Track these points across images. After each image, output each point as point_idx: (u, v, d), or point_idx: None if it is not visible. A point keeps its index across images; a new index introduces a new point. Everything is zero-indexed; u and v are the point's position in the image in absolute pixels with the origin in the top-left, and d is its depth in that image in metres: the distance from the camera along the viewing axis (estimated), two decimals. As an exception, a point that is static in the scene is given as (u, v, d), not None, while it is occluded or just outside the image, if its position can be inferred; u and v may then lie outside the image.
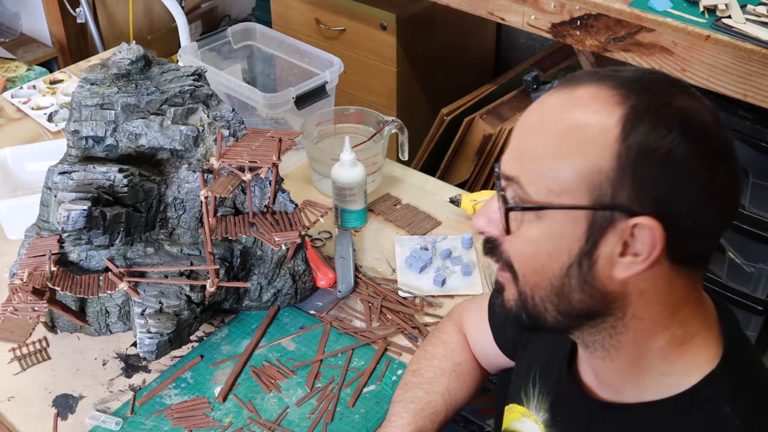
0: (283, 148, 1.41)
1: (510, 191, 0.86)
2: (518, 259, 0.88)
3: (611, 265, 0.83)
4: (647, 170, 0.79)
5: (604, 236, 0.82)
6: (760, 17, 1.84)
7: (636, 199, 0.80)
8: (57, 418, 1.33)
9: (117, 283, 1.34)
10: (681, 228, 0.81)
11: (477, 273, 1.57)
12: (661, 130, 0.79)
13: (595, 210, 0.82)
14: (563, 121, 0.83)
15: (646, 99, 0.81)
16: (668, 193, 0.80)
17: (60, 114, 2.03)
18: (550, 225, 0.84)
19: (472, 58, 3.12)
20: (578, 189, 0.82)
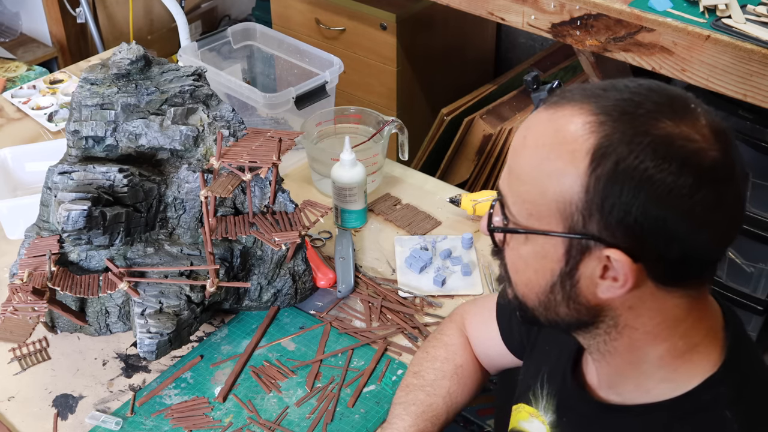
0: (283, 148, 1.41)
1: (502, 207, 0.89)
2: (511, 269, 0.92)
3: (593, 285, 0.85)
4: (616, 202, 0.79)
5: (582, 260, 0.84)
6: (760, 17, 1.84)
7: (606, 231, 0.81)
8: (57, 418, 1.33)
9: (117, 283, 1.34)
10: (663, 254, 0.81)
11: (477, 273, 1.57)
12: (632, 160, 0.78)
13: (569, 237, 0.83)
14: (541, 147, 0.84)
15: (622, 126, 0.80)
16: (642, 224, 0.79)
17: (60, 114, 2.03)
18: (534, 245, 0.87)
19: (472, 58, 3.12)
20: (553, 216, 0.83)
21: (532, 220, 0.85)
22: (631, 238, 0.80)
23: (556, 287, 0.87)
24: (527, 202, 0.85)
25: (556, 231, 0.84)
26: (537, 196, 0.84)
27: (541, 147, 0.84)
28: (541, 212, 0.84)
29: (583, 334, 0.92)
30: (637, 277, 0.82)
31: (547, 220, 0.84)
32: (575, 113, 0.82)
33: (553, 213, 0.83)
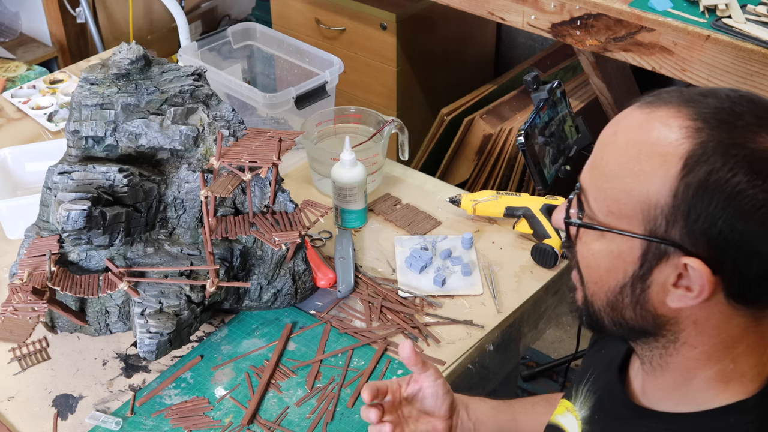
0: (283, 148, 1.41)
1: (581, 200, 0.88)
2: (582, 265, 0.91)
3: (664, 292, 0.84)
4: (703, 211, 0.78)
5: (658, 265, 0.83)
6: (760, 17, 1.84)
7: (688, 239, 0.79)
8: (57, 418, 1.33)
9: (117, 283, 1.34)
10: (741, 270, 0.80)
11: (477, 273, 1.57)
12: (726, 172, 0.77)
13: (649, 240, 0.82)
14: (632, 145, 0.83)
15: (719, 136, 0.78)
16: (726, 237, 0.78)
17: (60, 114, 2.03)
18: (609, 244, 0.86)
19: (472, 58, 3.12)
20: (635, 216, 0.82)
21: (612, 218, 0.84)
22: (712, 249, 0.79)
23: (626, 289, 0.86)
24: (609, 199, 0.84)
25: (636, 232, 0.83)
26: (621, 194, 0.83)
27: (632, 145, 0.82)
28: (623, 211, 0.83)
29: (642, 344, 0.91)
30: (712, 290, 0.81)
31: (628, 220, 0.83)
32: (672, 116, 0.81)
33: (635, 213, 0.82)
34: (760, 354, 0.87)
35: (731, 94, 0.82)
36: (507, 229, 1.67)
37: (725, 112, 0.80)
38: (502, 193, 1.67)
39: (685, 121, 0.80)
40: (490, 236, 1.66)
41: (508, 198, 1.66)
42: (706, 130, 0.79)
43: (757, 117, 0.80)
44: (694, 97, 0.82)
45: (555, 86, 1.67)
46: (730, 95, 0.82)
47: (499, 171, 2.56)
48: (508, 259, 1.61)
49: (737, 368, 0.86)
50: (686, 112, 0.81)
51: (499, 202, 1.65)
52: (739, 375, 0.87)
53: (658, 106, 0.83)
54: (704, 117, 0.80)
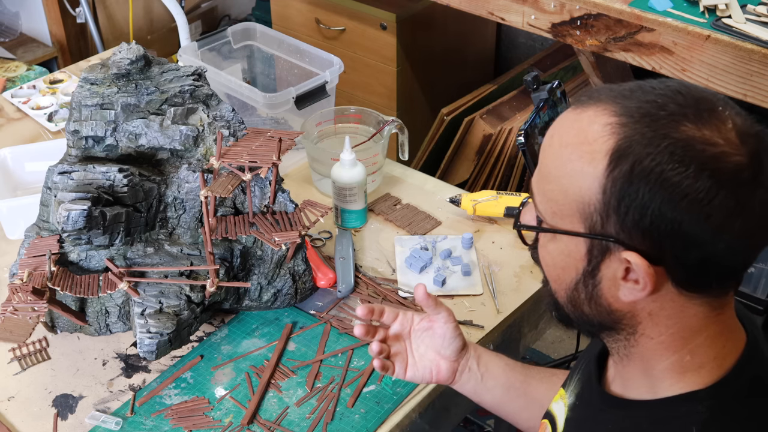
0: (283, 148, 1.41)
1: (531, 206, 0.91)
2: (543, 264, 0.93)
3: (615, 287, 0.85)
4: (632, 204, 0.79)
5: (604, 260, 0.84)
6: (760, 17, 1.84)
7: (623, 232, 0.81)
8: (57, 418, 1.33)
9: (117, 283, 1.34)
10: (682, 259, 0.81)
11: (477, 273, 1.57)
12: (649, 162, 0.78)
13: (590, 237, 0.84)
14: (564, 146, 0.85)
15: (642, 129, 0.80)
16: (658, 227, 0.79)
17: (60, 114, 2.03)
18: (559, 244, 0.88)
19: (472, 58, 3.12)
20: (574, 216, 0.85)
21: (556, 219, 0.87)
22: (648, 240, 0.80)
23: (579, 285, 0.88)
24: (551, 201, 0.87)
25: (577, 231, 0.85)
26: (559, 195, 0.85)
27: (565, 147, 0.85)
28: (564, 212, 0.86)
29: (607, 337, 0.93)
30: (657, 281, 0.82)
31: (570, 220, 0.85)
32: (599, 114, 0.83)
33: (574, 213, 0.84)
34: (721, 345, 0.88)
35: (658, 86, 0.83)
36: (507, 229, 1.67)
37: (649, 104, 0.81)
38: (502, 193, 1.67)
39: (610, 118, 0.82)
40: (490, 236, 1.66)
41: (508, 198, 1.66)
42: (630, 124, 0.80)
43: (681, 106, 0.81)
44: (623, 92, 0.84)
45: (555, 86, 1.67)
46: (656, 87, 0.83)
47: (499, 171, 2.56)
48: (508, 259, 1.61)
49: (695, 360, 0.87)
50: (612, 109, 0.82)
51: (499, 202, 1.65)
52: (697, 366, 0.87)
53: (588, 106, 0.85)
54: (629, 112, 0.81)
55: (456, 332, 1.21)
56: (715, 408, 0.85)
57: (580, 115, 0.85)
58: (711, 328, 0.87)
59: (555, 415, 1.06)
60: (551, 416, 1.07)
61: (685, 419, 0.85)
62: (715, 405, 0.86)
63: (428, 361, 1.23)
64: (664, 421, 0.87)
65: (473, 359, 1.23)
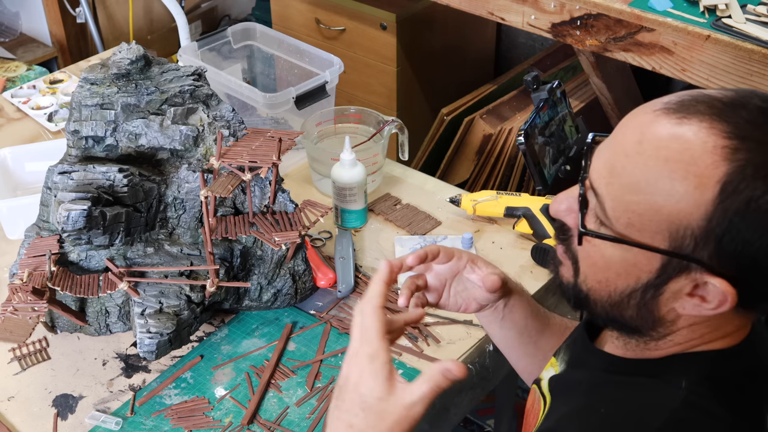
0: (283, 148, 1.41)
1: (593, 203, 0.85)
2: (586, 263, 0.88)
3: (676, 299, 0.83)
4: (737, 237, 0.76)
5: (676, 277, 0.82)
6: (760, 17, 1.84)
7: (717, 260, 0.78)
8: (57, 418, 1.33)
9: (117, 283, 1.34)
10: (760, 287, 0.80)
11: (477, 273, 1.57)
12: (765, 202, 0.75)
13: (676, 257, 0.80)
14: (661, 159, 0.79)
15: (758, 158, 0.75)
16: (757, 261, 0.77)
17: (60, 114, 2.03)
18: (625, 253, 0.83)
19: (472, 58, 3.12)
20: (660, 233, 0.80)
21: (632, 230, 0.81)
22: (739, 270, 0.78)
23: (635, 293, 0.84)
24: (632, 212, 0.81)
25: (659, 247, 0.80)
26: (647, 209, 0.80)
27: (663, 162, 0.78)
28: (647, 226, 0.80)
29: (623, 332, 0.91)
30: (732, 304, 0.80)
31: (651, 235, 0.80)
32: (705, 131, 0.77)
33: (661, 230, 0.80)
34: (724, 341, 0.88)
35: (762, 106, 0.79)
36: (507, 229, 1.67)
37: (759, 129, 0.77)
38: (502, 193, 1.67)
39: (720, 140, 0.77)
40: (490, 236, 1.66)
41: (508, 198, 1.66)
42: (743, 151, 0.76)
43: None
44: (725, 109, 0.78)
45: (555, 86, 1.67)
46: (762, 107, 0.79)
47: (499, 171, 2.56)
48: (508, 259, 1.61)
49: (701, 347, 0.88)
50: (720, 128, 0.77)
51: (499, 202, 1.65)
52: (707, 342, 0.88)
53: (688, 117, 0.79)
54: (740, 135, 0.76)
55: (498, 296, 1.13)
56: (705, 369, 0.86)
57: (679, 126, 0.79)
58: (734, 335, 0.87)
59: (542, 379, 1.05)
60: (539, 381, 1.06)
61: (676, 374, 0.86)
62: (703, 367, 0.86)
63: (461, 299, 1.14)
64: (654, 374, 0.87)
65: (502, 301, 1.17)
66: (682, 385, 0.84)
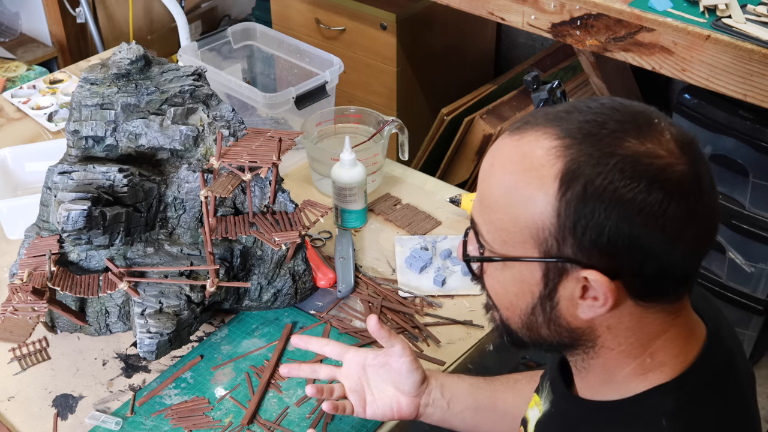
0: (283, 148, 1.41)
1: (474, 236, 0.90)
2: (492, 293, 0.92)
3: (574, 306, 0.85)
4: (588, 224, 0.79)
5: (561, 282, 0.84)
6: (760, 17, 1.84)
7: (581, 253, 0.81)
8: (57, 418, 1.33)
9: (117, 283, 1.34)
10: (641, 271, 0.81)
11: (477, 273, 1.57)
12: (601, 181, 0.78)
13: (545, 261, 0.84)
14: (509, 173, 0.84)
15: (587, 149, 0.80)
16: (616, 243, 0.79)
17: (60, 114, 2.03)
18: (512, 270, 0.87)
19: (472, 58, 3.12)
20: (527, 241, 0.84)
21: (507, 247, 0.86)
22: (606, 257, 0.81)
23: (536, 309, 0.87)
24: (500, 230, 0.86)
25: (531, 256, 0.84)
26: (509, 223, 0.85)
27: (509, 174, 0.84)
28: (515, 239, 0.85)
29: (565, 352, 0.94)
30: (617, 295, 0.82)
31: (522, 246, 0.85)
32: (540, 138, 0.83)
33: (526, 239, 0.84)
34: (682, 344, 0.89)
35: (593, 105, 0.84)
36: (507, 229, 1.67)
37: (589, 124, 0.82)
38: (502, 193, 1.66)
39: (554, 141, 0.82)
40: (490, 236, 1.66)
41: (508, 198, 1.65)
42: (575, 145, 0.80)
43: (620, 123, 0.81)
44: (559, 115, 0.84)
45: (555, 86, 1.67)
46: (592, 106, 0.84)
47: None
48: (508, 259, 1.60)
49: (655, 360, 0.88)
50: (552, 132, 0.82)
51: (499, 202, 1.65)
52: (659, 365, 0.88)
53: (526, 131, 0.85)
54: (571, 133, 0.81)
55: (413, 366, 1.18)
56: (682, 398, 0.86)
57: (519, 141, 0.84)
58: (670, 331, 0.88)
59: (528, 421, 1.06)
60: (525, 422, 1.07)
61: (654, 411, 0.86)
62: (681, 396, 0.87)
63: (388, 397, 1.20)
64: (634, 416, 0.88)
65: (436, 389, 1.21)
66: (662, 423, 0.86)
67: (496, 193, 0.86)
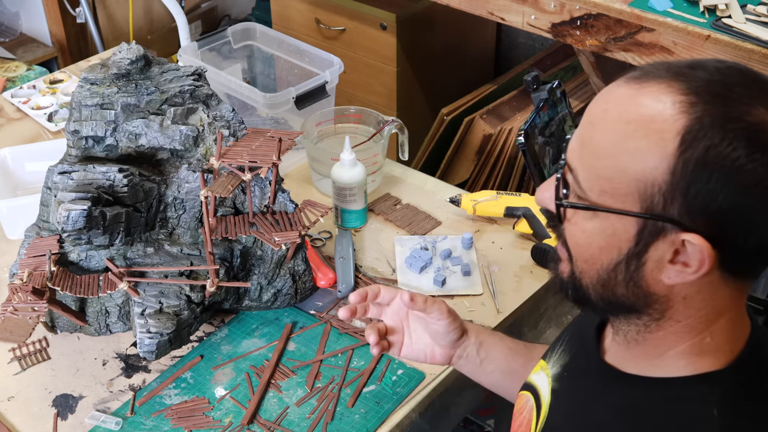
0: (283, 148, 1.41)
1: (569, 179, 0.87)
2: (572, 243, 0.89)
3: (660, 269, 0.83)
4: (702, 188, 0.77)
5: (654, 242, 0.82)
6: (760, 17, 1.84)
7: (687, 216, 0.78)
8: (57, 418, 1.33)
9: (117, 283, 1.34)
10: (739, 245, 0.79)
11: (477, 273, 1.57)
12: (725, 147, 0.75)
13: (646, 218, 0.81)
14: (624, 123, 0.81)
15: (715, 109, 0.77)
16: (725, 212, 0.77)
17: (60, 114, 2.03)
18: (603, 222, 0.84)
19: (472, 58, 3.12)
20: (630, 195, 0.81)
21: (605, 197, 0.82)
22: (711, 225, 0.78)
23: (620, 266, 0.84)
24: (602, 179, 0.82)
25: (632, 211, 0.81)
26: (615, 173, 0.81)
27: (625, 123, 0.80)
28: (618, 190, 0.81)
29: (624, 319, 0.90)
30: (712, 264, 0.80)
31: (623, 199, 0.81)
32: (663, 91, 0.79)
33: (631, 192, 0.80)
34: (737, 329, 0.88)
35: (719, 66, 0.81)
36: (507, 229, 1.67)
37: (717, 84, 0.78)
38: (502, 193, 1.67)
39: (678, 96, 0.78)
40: (490, 236, 1.66)
41: (508, 198, 1.66)
42: (701, 104, 0.77)
43: (748, 88, 0.79)
44: (683, 70, 0.80)
45: (555, 86, 1.67)
46: (719, 67, 0.81)
47: (499, 171, 2.56)
48: (508, 259, 1.61)
49: (713, 341, 0.86)
50: (677, 87, 0.79)
51: (499, 202, 1.65)
52: (714, 348, 0.86)
53: (647, 81, 0.81)
54: (696, 90, 0.78)
55: (449, 327, 1.18)
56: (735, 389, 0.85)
57: (641, 90, 0.81)
58: (733, 311, 0.86)
59: (537, 386, 1.04)
60: (532, 388, 1.05)
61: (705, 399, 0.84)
62: (734, 386, 0.85)
63: (423, 344, 1.22)
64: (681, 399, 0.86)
65: (473, 346, 1.21)
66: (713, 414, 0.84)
67: (606, 140, 0.82)
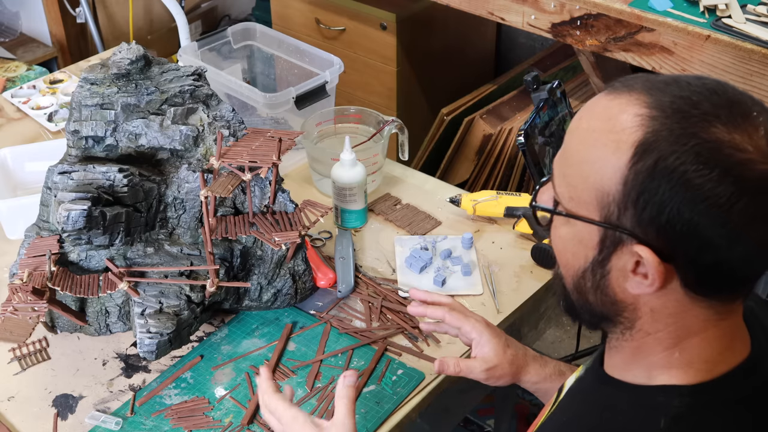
0: (283, 148, 1.41)
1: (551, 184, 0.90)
2: (554, 248, 0.92)
3: (624, 278, 0.84)
4: (650, 200, 0.78)
5: (615, 251, 0.83)
6: (760, 17, 1.84)
7: (638, 227, 0.80)
8: (57, 418, 1.33)
9: (117, 283, 1.34)
10: (696, 261, 0.80)
11: (477, 273, 1.57)
12: (673, 160, 0.77)
13: (604, 227, 0.83)
14: (590, 131, 0.83)
15: (672, 125, 0.78)
16: (674, 225, 0.78)
17: (60, 114, 2.03)
18: (573, 229, 0.87)
19: (472, 58, 3.12)
20: (591, 203, 0.83)
21: (573, 204, 0.86)
22: (662, 238, 0.79)
23: (587, 273, 0.87)
24: (570, 186, 0.86)
25: (592, 218, 0.84)
26: (579, 180, 0.84)
27: (591, 132, 0.83)
28: (581, 197, 0.84)
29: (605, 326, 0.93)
30: (666, 278, 0.81)
31: (586, 207, 0.84)
32: (631, 103, 0.81)
33: (591, 200, 0.83)
34: (717, 350, 0.87)
35: (694, 83, 0.82)
36: (507, 229, 1.67)
37: (683, 100, 0.80)
38: (502, 193, 1.67)
39: (642, 109, 0.80)
40: (490, 236, 1.66)
41: (508, 198, 1.66)
42: (660, 118, 0.79)
43: (715, 106, 0.79)
44: (658, 84, 0.82)
45: (555, 86, 1.67)
46: (692, 83, 0.82)
47: (499, 171, 2.56)
48: (508, 259, 1.61)
49: (683, 357, 0.87)
50: (644, 100, 0.81)
51: (499, 202, 1.65)
52: (684, 364, 0.87)
53: (621, 93, 0.83)
54: (660, 105, 0.80)
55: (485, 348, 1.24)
56: (693, 407, 0.85)
57: (611, 102, 0.83)
58: (709, 332, 0.86)
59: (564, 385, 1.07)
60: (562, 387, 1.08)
61: (658, 409, 0.85)
62: (693, 404, 0.85)
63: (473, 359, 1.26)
64: (638, 406, 0.87)
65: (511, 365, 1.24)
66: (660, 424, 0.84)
67: (575, 147, 0.85)
